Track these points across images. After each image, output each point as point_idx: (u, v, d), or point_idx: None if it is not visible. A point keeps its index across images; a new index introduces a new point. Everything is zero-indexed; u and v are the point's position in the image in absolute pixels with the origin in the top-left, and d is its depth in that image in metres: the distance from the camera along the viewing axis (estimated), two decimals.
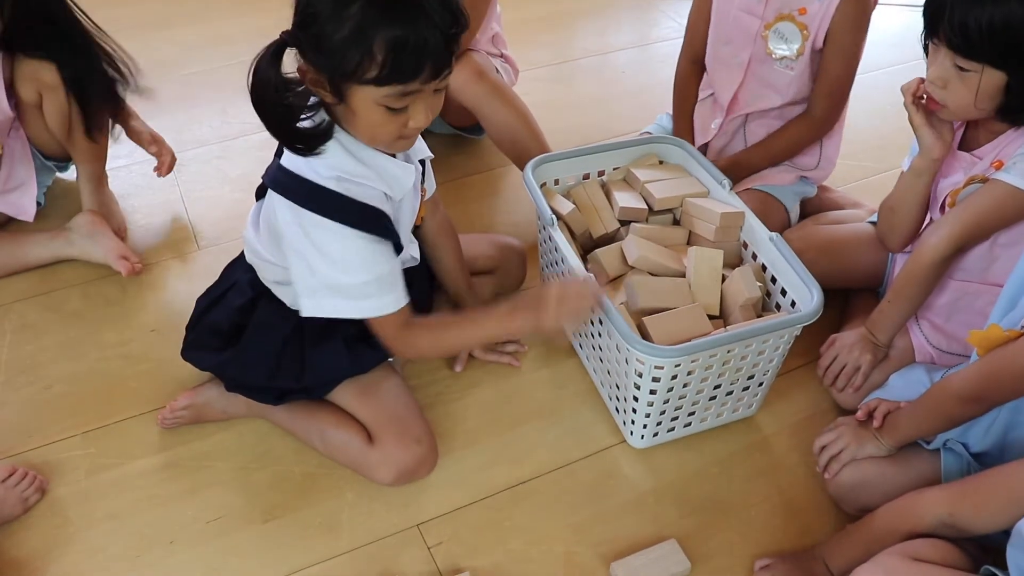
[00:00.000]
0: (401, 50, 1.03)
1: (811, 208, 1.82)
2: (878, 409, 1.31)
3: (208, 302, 1.41)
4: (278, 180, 1.20)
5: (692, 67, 1.79)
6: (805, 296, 1.33)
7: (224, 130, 2.13)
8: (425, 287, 1.49)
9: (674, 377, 1.28)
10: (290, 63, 1.10)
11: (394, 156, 1.22)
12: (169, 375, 1.50)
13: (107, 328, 1.61)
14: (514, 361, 1.56)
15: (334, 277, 1.19)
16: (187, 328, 1.42)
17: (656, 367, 1.26)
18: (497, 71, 1.90)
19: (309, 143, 1.15)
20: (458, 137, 2.07)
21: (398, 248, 1.26)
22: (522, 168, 1.87)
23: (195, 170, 2.00)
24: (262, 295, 1.36)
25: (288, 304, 1.33)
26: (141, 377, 1.52)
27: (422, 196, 1.37)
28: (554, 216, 1.45)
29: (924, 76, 1.32)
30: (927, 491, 1.12)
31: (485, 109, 1.78)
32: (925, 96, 1.32)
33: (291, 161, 1.19)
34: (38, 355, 1.56)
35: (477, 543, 1.30)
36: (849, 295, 1.67)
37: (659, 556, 1.27)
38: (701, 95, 1.80)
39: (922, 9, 1.27)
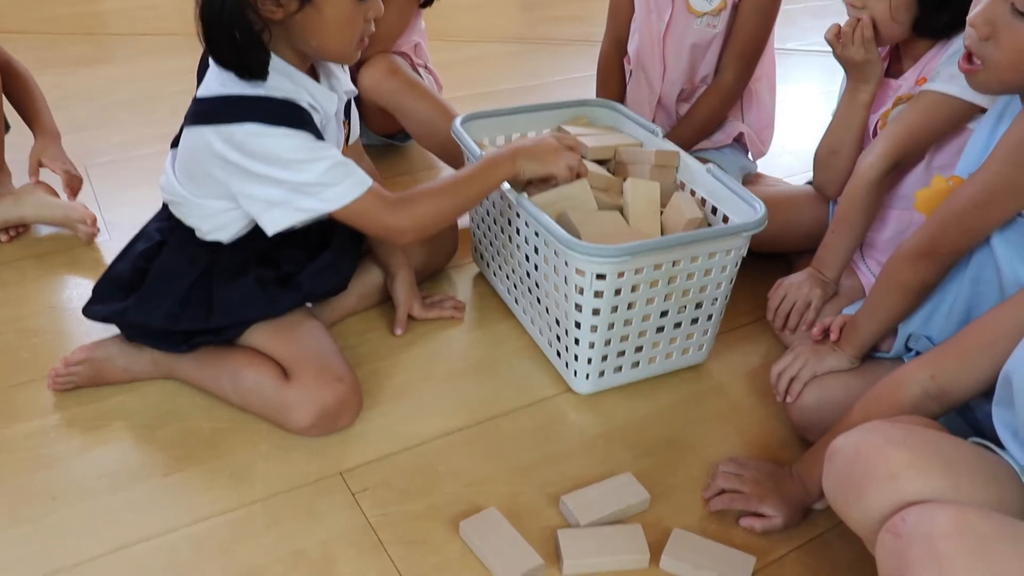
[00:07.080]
0: None
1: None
2: (834, 322, 1.24)
3: (117, 256, 1.31)
4: (200, 111, 1.16)
5: (615, 51, 1.79)
6: (749, 214, 1.27)
7: (141, 136, 2.04)
8: (348, 258, 1.39)
9: (617, 292, 1.19)
10: None
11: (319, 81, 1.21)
12: (66, 347, 1.35)
13: (2, 307, 1.47)
14: (457, 313, 1.47)
15: (288, 178, 1.13)
16: (94, 286, 1.30)
17: (598, 276, 1.17)
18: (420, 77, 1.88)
19: (262, 63, 1.12)
20: (386, 146, 2.02)
21: None
22: (448, 161, 1.83)
23: (110, 170, 1.90)
24: (170, 239, 1.27)
25: (202, 236, 1.24)
26: (35, 348, 1.37)
27: (346, 135, 1.33)
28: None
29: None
30: (905, 365, 1.04)
31: (401, 104, 1.74)
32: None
33: (209, 88, 1.15)
34: None
35: (408, 487, 1.16)
36: (791, 260, 1.62)
37: (615, 488, 1.15)
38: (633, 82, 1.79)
39: None
